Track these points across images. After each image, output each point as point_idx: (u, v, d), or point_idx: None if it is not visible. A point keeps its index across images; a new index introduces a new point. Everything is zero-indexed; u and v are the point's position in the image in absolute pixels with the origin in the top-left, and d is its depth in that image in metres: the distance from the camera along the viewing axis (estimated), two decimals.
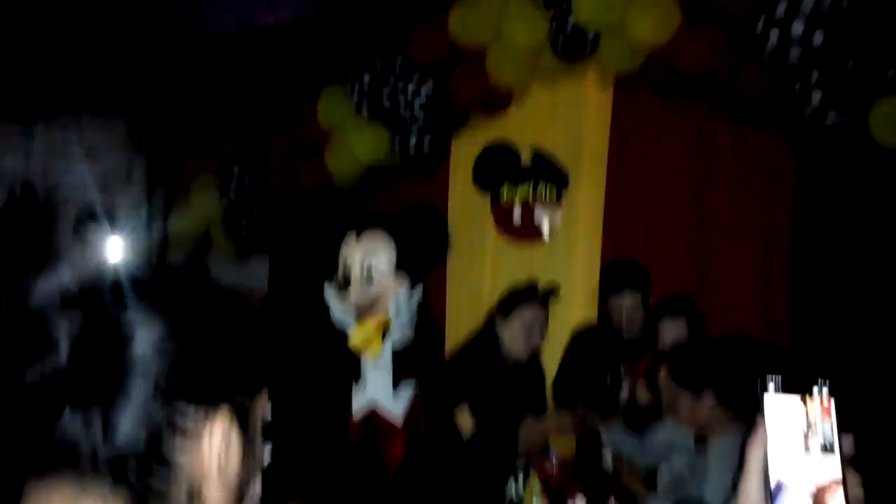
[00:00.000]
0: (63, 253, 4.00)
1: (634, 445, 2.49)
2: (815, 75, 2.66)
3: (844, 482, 0.73)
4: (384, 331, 2.68)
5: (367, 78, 3.58)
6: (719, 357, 2.11)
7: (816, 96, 2.66)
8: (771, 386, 0.75)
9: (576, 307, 3.60)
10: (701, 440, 2.09)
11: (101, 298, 0.65)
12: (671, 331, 2.67)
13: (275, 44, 4.34)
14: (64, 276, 0.67)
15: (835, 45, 2.54)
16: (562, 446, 2.67)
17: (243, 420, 0.69)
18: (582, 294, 3.68)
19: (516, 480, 2.57)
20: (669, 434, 2.35)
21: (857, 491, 0.73)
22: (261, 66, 4.38)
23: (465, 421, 2.62)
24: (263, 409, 0.73)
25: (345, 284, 2.69)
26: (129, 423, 0.61)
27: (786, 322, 3.35)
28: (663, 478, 2.27)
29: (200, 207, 4.27)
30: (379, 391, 2.67)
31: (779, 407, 0.75)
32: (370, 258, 2.71)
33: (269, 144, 4.07)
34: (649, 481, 2.41)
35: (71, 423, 0.60)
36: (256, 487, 0.72)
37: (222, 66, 4.51)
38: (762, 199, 3.44)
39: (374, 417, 2.79)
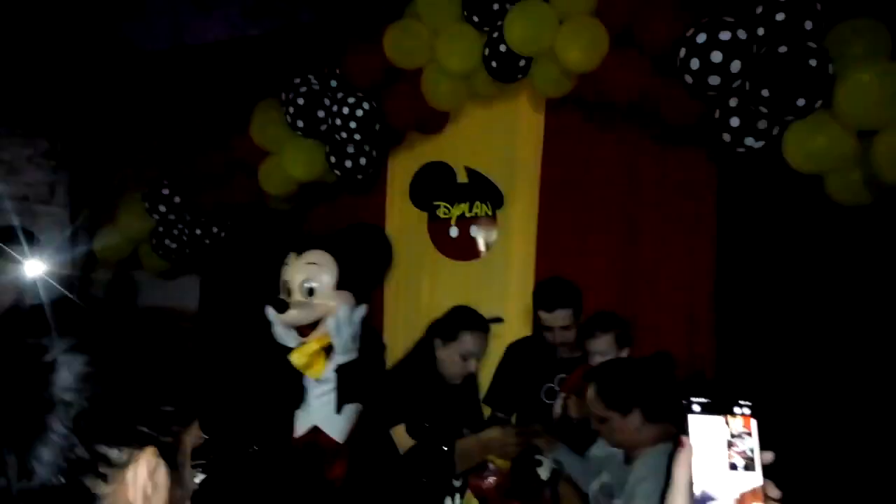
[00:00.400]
0: None
1: (579, 464, 2.50)
2: (732, 101, 2.81)
3: (765, 493, 0.79)
4: (327, 351, 2.66)
5: (302, 96, 3.57)
6: (646, 375, 2.13)
7: (734, 121, 2.81)
8: (695, 407, 0.81)
9: (510, 324, 3.65)
10: (630, 455, 2.13)
11: (19, 328, 0.63)
12: (600, 347, 2.71)
13: (208, 61, 4.27)
14: None
15: (750, 74, 2.69)
16: (498, 462, 2.69)
17: (172, 452, 0.68)
18: (516, 311, 3.74)
19: (452, 498, 2.59)
20: (603, 450, 2.39)
21: (777, 501, 0.79)
22: (194, 84, 4.30)
23: (402, 438, 2.62)
24: (194, 439, 0.72)
25: (285, 305, 2.66)
26: (48, 460, 0.59)
27: (711, 335, 3.49)
28: (593, 492, 2.31)
29: (128, 226, 4.15)
30: (322, 411, 2.64)
31: (703, 425, 0.80)
32: (311, 278, 2.68)
33: (202, 162, 4.00)
34: (582, 495, 2.46)
35: None
36: None
37: (154, 83, 4.41)
38: (687, 216, 3.58)
39: (316, 436, 2.76)
